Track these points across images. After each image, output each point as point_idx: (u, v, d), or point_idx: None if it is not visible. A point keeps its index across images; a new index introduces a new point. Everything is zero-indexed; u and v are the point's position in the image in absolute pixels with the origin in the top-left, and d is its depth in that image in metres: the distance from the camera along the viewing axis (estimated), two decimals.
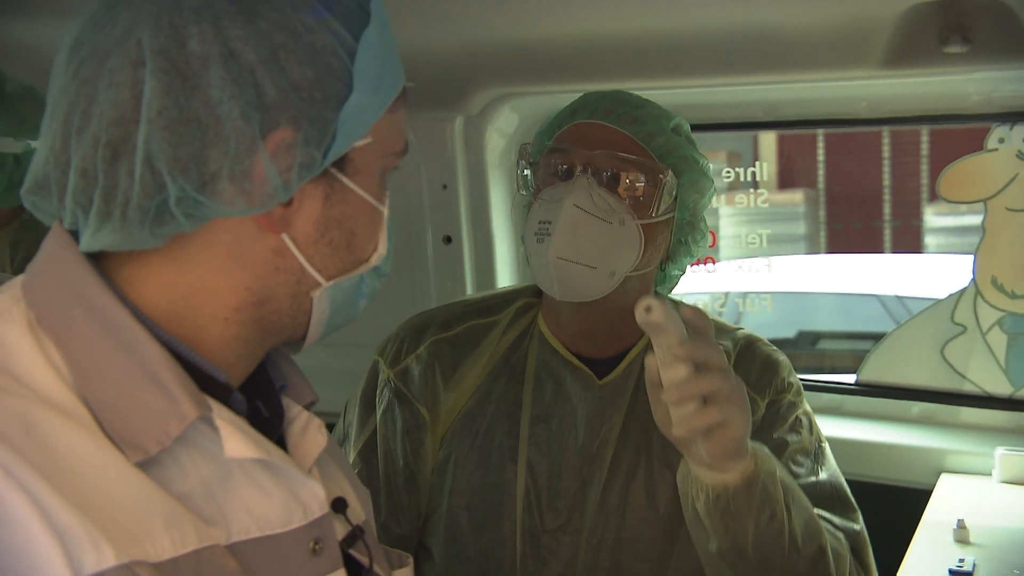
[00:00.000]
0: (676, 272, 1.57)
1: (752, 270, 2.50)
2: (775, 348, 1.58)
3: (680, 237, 1.52)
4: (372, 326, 1.62)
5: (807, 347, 5.40)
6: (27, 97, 1.81)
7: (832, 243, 10.42)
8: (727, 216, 7.40)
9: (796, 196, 9.57)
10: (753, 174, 2.30)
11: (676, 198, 1.47)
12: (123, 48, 0.78)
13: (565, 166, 1.45)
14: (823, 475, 1.48)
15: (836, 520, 1.44)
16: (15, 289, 0.82)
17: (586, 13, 1.78)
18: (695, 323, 1.18)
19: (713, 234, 2.43)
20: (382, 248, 0.91)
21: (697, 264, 2.48)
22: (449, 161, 2.20)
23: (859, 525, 1.47)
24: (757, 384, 1.50)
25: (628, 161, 1.43)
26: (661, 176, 1.43)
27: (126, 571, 0.72)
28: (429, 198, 2.26)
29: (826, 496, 1.46)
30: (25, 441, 0.73)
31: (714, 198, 1.53)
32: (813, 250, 9.79)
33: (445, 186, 2.24)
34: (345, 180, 0.85)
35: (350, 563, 0.92)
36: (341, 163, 0.85)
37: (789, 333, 5.36)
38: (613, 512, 1.44)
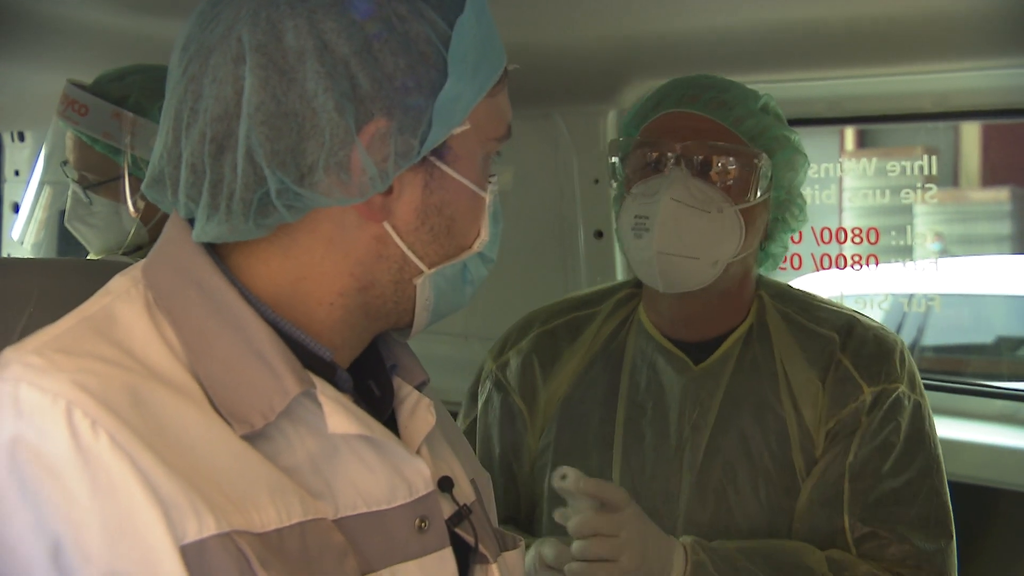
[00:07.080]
0: (777, 249, 1.55)
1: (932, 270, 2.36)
2: (883, 326, 1.50)
3: (777, 215, 1.50)
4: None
5: (1008, 354, 5.03)
6: None
7: None
8: (921, 215, 6.98)
9: (1001, 194, 8.92)
10: (921, 168, 2.17)
11: (771, 178, 1.45)
12: (225, 44, 0.81)
13: (656, 156, 1.44)
14: (919, 482, 1.39)
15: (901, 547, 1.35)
16: (136, 271, 0.88)
17: (741, 2, 1.75)
18: (601, 496, 1.29)
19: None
20: (484, 234, 0.91)
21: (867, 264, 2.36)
22: (601, 155, 2.18)
23: (938, 544, 1.37)
24: (867, 370, 1.43)
25: (720, 149, 1.42)
26: (755, 160, 1.42)
27: (227, 540, 0.75)
28: (581, 193, 2.26)
29: (907, 500, 1.37)
30: (133, 413, 0.76)
31: (913, 195, 1.49)
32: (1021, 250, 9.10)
33: (597, 180, 2.24)
34: (444, 167, 0.86)
35: (459, 542, 0.93)
36: (440, 150, 0.85)
37: (987, 338, 5.00)
38: (710, 497, 1.43)
